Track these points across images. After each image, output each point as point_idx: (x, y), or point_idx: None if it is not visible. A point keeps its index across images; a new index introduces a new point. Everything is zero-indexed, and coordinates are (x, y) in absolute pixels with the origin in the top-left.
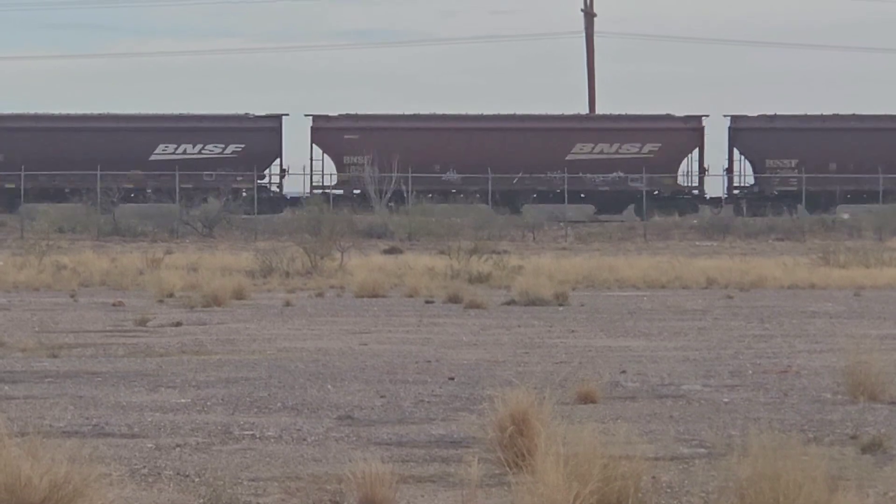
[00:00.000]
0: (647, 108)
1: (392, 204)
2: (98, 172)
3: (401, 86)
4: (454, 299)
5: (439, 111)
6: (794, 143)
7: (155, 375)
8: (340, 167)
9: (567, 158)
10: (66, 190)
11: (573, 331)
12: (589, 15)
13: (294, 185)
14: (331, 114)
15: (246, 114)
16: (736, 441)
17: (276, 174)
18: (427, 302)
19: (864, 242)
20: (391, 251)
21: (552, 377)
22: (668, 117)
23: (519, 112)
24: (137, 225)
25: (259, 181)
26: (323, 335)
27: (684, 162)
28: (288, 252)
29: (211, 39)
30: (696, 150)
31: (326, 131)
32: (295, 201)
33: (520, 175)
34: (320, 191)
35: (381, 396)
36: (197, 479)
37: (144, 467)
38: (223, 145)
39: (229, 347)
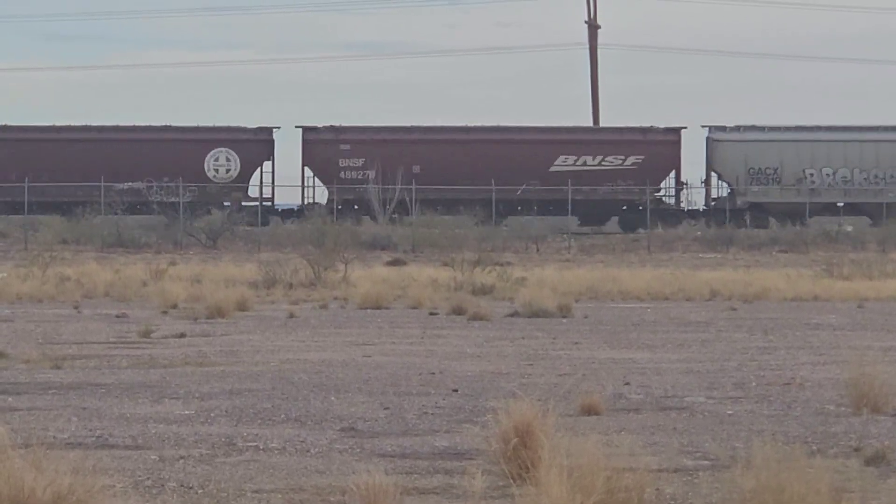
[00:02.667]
0: (653, 119)
1: (396, 215)
2: (101, 184)
3: (406, 97)
4: (458, 311)
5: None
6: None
7: (158, 387)
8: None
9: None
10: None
11: (577, 342)
12: (593, 27)
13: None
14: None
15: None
16: (740, 453)
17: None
18: (431, 314)
19: (868, 254)
20: (395, 263)
21: (556, 389)
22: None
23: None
24: (141, 236)
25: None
26: (326, 347)
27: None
28: (291, 264)
29: (217, 51)
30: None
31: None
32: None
33: (524, 186)
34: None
35: (385, 408)
36: (201, 491)
37: (148, 479)
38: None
39: (233, 359)
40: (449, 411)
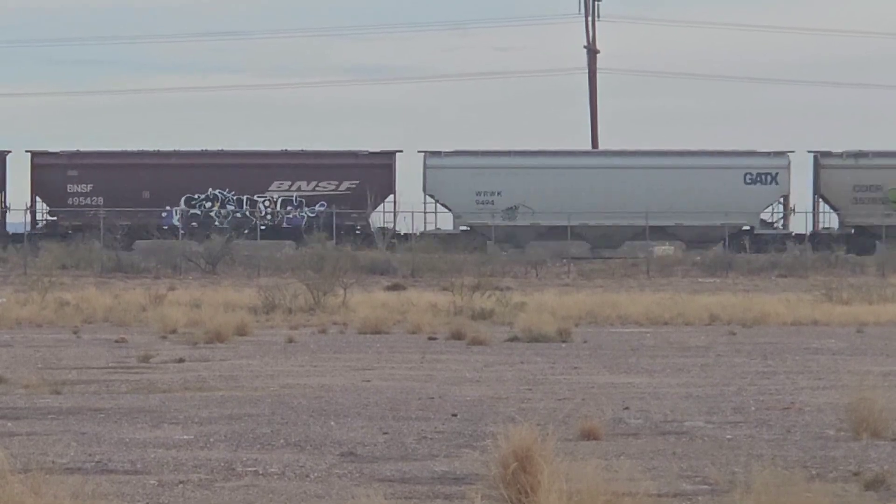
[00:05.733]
0: (648, 143)
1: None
2: (103, 208)
3: (404, 121)
4: (457, 336)
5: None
6: None
7: (158, 412)
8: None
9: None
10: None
11: (576, 367)
12: (592, 52)
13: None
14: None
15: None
16: (739, 477)
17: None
18: (430, 338)
19: (867, 279)
20: (394, 287)
21: (555, 414)
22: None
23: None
24: (140, 261)
25: None
26: (326, 372)
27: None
28: (291, 288)
29: (215, 75)
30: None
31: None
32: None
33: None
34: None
35: (384, 433)
36: None
37: None
38: None
39: (232, 384)
40: (448, 436)
